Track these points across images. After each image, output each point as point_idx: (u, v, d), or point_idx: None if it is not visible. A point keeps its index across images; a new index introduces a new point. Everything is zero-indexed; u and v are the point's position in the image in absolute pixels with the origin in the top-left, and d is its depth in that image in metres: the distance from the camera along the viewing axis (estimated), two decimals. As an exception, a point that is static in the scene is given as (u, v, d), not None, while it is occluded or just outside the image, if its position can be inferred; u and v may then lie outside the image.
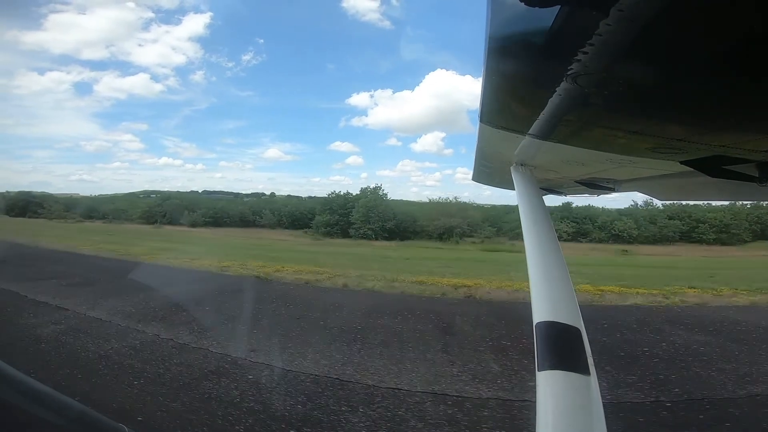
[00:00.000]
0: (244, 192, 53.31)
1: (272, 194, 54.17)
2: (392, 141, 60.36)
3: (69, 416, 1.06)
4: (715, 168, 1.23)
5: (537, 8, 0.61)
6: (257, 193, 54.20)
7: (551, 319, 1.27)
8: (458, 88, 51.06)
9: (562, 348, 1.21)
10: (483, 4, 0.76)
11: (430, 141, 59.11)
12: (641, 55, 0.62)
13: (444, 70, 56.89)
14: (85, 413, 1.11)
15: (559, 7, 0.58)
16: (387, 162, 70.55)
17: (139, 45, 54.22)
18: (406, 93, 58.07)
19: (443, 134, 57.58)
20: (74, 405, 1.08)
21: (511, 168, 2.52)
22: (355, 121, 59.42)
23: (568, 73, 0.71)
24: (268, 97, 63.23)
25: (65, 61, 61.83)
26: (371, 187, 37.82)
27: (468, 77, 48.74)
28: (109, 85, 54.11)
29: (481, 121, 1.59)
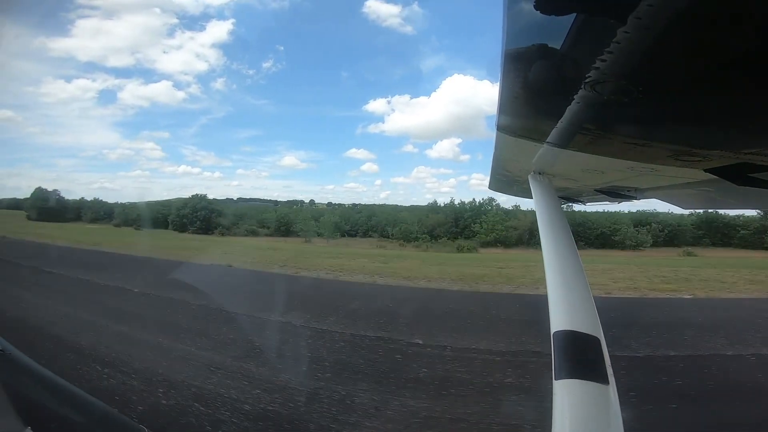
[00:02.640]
0: (281, 200, 53.12)
1: (311, 202, 54.29)
2: (408, 147, 60.41)
3: (94, 416, 1.10)
4: (740, 176, 1.19)
5: (553, 16, 0.62)
6: (295, 200, 54.35)
7: (570, 328, 1.25)
8: (476, 94, 50.82)
9: (581, 357, 1.19)
10: (500, 11, 0.77)
11: (446, 147, 58.88)
12: (660, 61, 0.62)
13: (461, 75, 56.71)
14: (109, 414, 1.15)
15: (575, 14, 0.59)
16: (402, 169, 70.88)
17: (164, 52, 55.36)
18: (422, 99, 58.05)
19: (459, 140, 57.37)
20: (99, 405, 1.12)
21: (529, 177, 2.50)
22: (372, 128, 59.58)
23: (586, 80, 0.71)
24: (285, 104, 64.05)
25: (91, 68, 63.29)
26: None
27: (486, 82, 48.49)
28: (133, 92, 55.31)
29: (498, 129, 1.59)
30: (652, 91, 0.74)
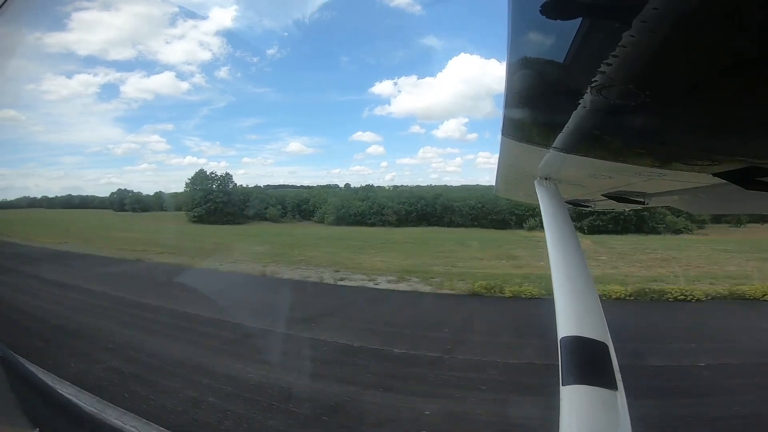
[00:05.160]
0: (312, 185, 49.81)
1: (347, 185, 51.97)
2: (415, 128, 60.16)
3: (99, 417, 1.11)
4: (749, 180, 1.18)
5: (559, 21, 0.62)
6: (331, 185, 52.46)
7: (577, 334, 1.24)
8: (483, 73, 50.53)
9: (588, 363, 1.18)
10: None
11: (453, 126, 58.63)
12: (667, 65, 0.62)
13: (468, 55, 56.45)
14: (114, 415, 1.16)
15: (581, 19, 0.59)
16: (408, 150, 70.78)
17: (166, 42, 54.07)
18: (429, 79, 57.94)
19: (466, 120, 57.13)
20: (104, 407, 1.13)
21: (535, 182, 2.49)
22: (378, 111, 59.48)
23: (592, 85, 0.71)
24: (291, 91, 63.66)
25: (91, 63, 62.30)
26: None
27: (493, 61, 48.28)
28: (136, 85, 53.54)
29: (503, 134, 1.59)
30: (659, 95, 0.74)
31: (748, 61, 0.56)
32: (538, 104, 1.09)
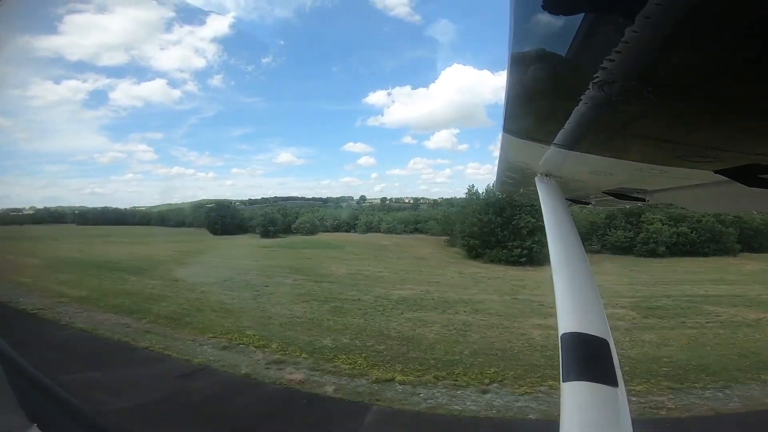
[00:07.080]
0: (324, 197, 46.89)
1: (362, 198, 50.33)
2: (407, 139, 60.23)
3: (93, 414, 1.12)
4: (751, 177, 1.18)
5: (561, 16, 0.62)
6: (344, 197, 51.10)
7: (577, 330, 1.24)
8: (476, 83, 50.57)
9: (589, 359, 1.18)
10: (506, 3, 0.77)
11: (444, 137, 58.93)
12: (670, 61, 0.61)
13: (461, 65, 56.41)
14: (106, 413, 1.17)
15: (583, 14, 0.59)
16: (398, 160, 70.64)
17: (161, 48, 52.24)
18: (422, 90, 57.84)
19: (457, 130, 57.59)
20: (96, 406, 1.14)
21: (536, 179, 2.49)
22: (371, 121, 59.29)
23: (594, 80, 0.71)
24: (284, 101, 63.08)
25: (81, 68, 60.08)
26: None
27: (486, 72, 48.25)
28: (127, 92, 51.67)
29: (504, 131, 1.59)
30: (662, 91, 0.73)
31: (751, 57, 0.56)
32: (540, 100, 1.09)
